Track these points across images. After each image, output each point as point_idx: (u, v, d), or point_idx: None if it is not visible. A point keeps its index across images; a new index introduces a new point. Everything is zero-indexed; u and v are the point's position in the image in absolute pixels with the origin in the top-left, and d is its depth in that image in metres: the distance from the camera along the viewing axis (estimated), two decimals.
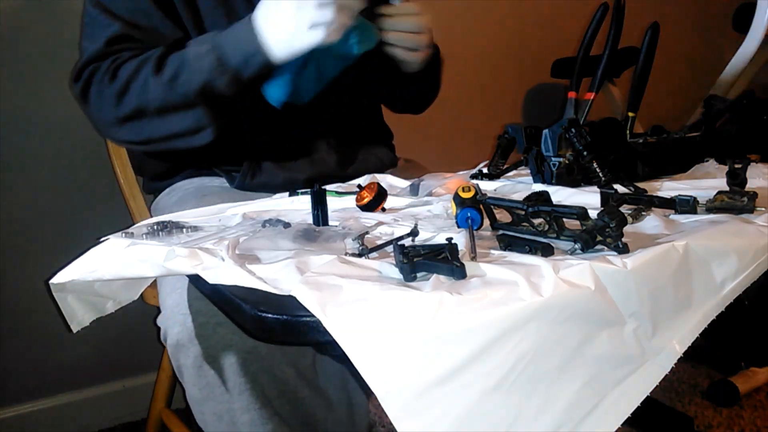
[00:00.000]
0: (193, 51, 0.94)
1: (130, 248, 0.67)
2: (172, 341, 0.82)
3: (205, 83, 0.92)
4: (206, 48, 0.93)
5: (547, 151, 0.90)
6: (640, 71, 0.98)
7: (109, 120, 0.99)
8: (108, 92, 0.96)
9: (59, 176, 1.47)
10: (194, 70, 0.92)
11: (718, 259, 0.58)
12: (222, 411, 0.82)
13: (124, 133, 0.99)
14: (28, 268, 1.45)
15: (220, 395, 0.81)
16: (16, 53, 1.39)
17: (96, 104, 0.99)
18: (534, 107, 2.13)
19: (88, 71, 0.98)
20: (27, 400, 1.52)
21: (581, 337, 0.50)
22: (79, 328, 0.78)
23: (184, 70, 0.93)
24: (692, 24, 2.37)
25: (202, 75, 0.92)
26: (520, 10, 2.03)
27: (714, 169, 0.96)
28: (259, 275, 0.55)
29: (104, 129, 1.03)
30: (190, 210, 0.84)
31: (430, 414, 0.45)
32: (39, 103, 1.43)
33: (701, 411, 1.58)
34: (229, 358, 0.79)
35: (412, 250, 0.55)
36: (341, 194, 0.89)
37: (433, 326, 0.45)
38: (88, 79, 0.98)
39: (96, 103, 0.99)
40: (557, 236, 0.62)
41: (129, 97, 0.95)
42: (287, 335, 0.51)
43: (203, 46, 0.94)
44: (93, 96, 0.98)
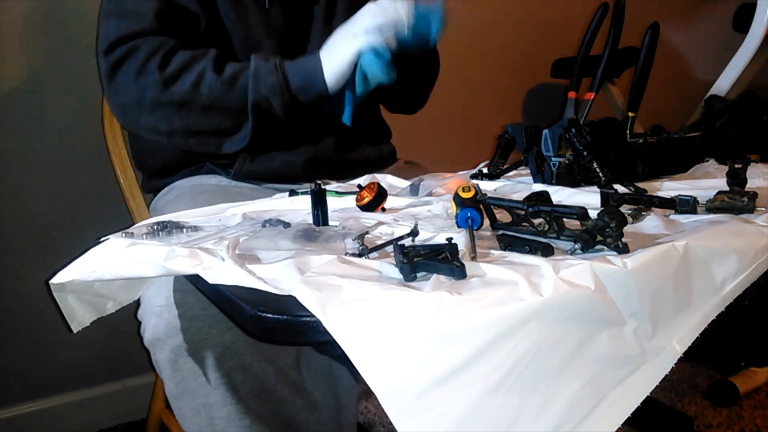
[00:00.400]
0: (258, 63, 0.96)
1: (130, 248, 0.67)
2: (149, 335, 0.82)
3: (263, 97, 0.95)
4: (272, 65, 0.96)
5: (547, 151, 0.90)
6: (640, 71, 0.98)
7: (143, 101, 0.97)
8: (155, 74, 0.95)
9: (59, 176, 1.47)
10: (255, 82, 0.95)
11: (718, 259, 0.58)
12: (199, 405, 0.82)
13: (155, 119, 0.98)
14: (28, 268, 1.45)
15: (196, 389, 0.81)
16: (17, 53, 1.39)
17: (132, 81, 0.96)
18: (534, 107, 2.13)
19: (124, 48, 0.97)
20: (27, 400, 1.52)
21: (581, 337, 0.50)
22: (79, 328, 0.78)
23: (246, 77, 0.95)
24: (692, 24, 2.37)
25: (263, 88, 0.95)
26: (520, 10, 2.03)
27: (714, 169, 0.96)
28: (259, 275, 0.55)
29: (132, 110, 0.99)
30: (190, 210, 0.84)
31: (430, 414, 0.45)
32: (39, 103, 1.43)
33: (701, 411, 1.58)
34: (204, 353, 0.80)
35: (412, 250, 0.55)
36: (341, 194, 0.89)
37: (433, 326, 0.45)
38: (123, 56, 0.97)
39: (132, 81, 0.96)
40: (557, 236, 0.62)
41: (179, 85, 0.95)
42: (287, 335, 0.51)
43: (268, 62, 0.96)
44: (126, 75, 0.97)
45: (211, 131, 0.99)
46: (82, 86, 1.44)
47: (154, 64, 0.95)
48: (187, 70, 0.96)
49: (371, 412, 1.61)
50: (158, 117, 0.97)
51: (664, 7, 2.23)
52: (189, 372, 0.81)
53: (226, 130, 0.99)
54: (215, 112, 0.97)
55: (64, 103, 1.45)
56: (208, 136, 1.00)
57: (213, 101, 0.96)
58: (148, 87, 0.95)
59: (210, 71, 0.95)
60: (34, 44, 1.41)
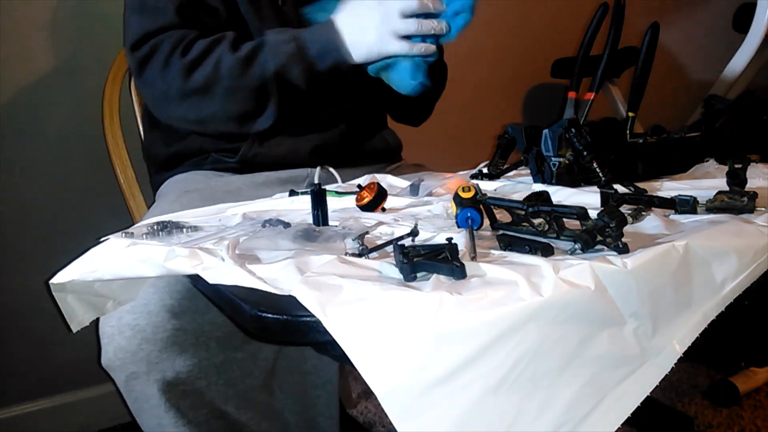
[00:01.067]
0: (273, 37, 0.98)
1: (130, 248, 0.67)
2: (102, 355, 0.83)
3: (281, 67, 0.96)
4: (287, 36, 0.97)
5: (547, 151, 0.90)
6: (640, 71, 0.98)
7: (170, 93, 0.99)
8: (178, 64, 0.97)
9: (59, 176, 1.47)
10: (273, 54, 0.96)
11: (718, 259, 0.58)
12: (155, 425, 0.82)
13: (184, 108, 1.00)
14: (28, 268, 1.45)
15: (149, 410, 0.82)
16: (17, 53, 1.39)
17: (159, 76, 0.99)
18: (534, 107, 2.13)
19: (149, 45, 0.99)
20: (27, 400, 1.52)
21: (581, 337, 0.50)
22: (79, 328, 0.78)
23: (262, 52, 0.96)
24: (692, 24, 2.37)
25: (280, 59, 0.96)
26: (520, 10, 2.03)
27: (714, 169, 0.96)
28: (259, 275, 0.55)
29: (161, 102, 1.02)
30: (190, 210, 0.84)
31: (430, 414, 0.45)
32: (39, 103, 1.43)
33: (701, 411, 1.58)
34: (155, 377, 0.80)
35: (412, 250, 0.55)
36: (341, 194, 0.89)
37: (433, 326, 0.45)
38: (150, 52, 0.98)
39: (158, 75, 0.99)
40: (557, 236, 0.62)
41: (201, 70, 0.97)
42: (287, 335, 0.51)
43: (283, 35, 0.98)
44: (153, 70, 0.99)
45: (238, 115, 1.00)
46: (83, 86, 1.44)
47: (177, 55, 0.97)
48: (207, 55, 0.97)
49: (371, 412, 1.61)
50: (187, 107, 0.99)
51: (664, 7, 2.24)
52: (140, 394, 0.81)
53: (252, 112, 1.00)
54: (239, 94, 0.98)
55: (65, 103, 1.45)
56: (236, 119, 1.01)
57: (235, 82, 0.97)
58: (173, 78, 0.97)
59: (228, 53, 0.97)
60: (34, 44, 1.41)
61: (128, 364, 0.80)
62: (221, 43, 0.98)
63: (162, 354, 0.80)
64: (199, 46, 0.98)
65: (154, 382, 0.80)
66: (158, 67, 0.98)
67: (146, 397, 0.81)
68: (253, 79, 0.97)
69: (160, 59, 0.98)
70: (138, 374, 0.80)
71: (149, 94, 1.03)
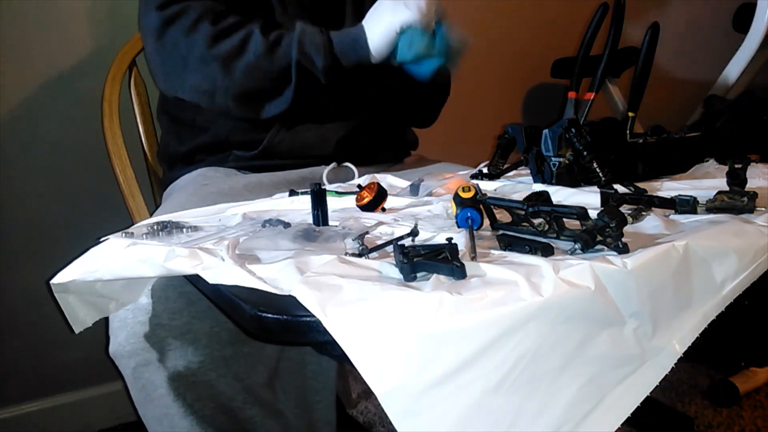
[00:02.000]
0: (302, 28, 0.99)
1: (130, 248, 0.67)
2: (112, 339, 0.82)
3: (306, 56, 0.97)
4: (317, 29, 0.99)
5: (547, 151, 0.90)
6: (640, 71, 0.98)
7: (190, 58, 0.99)
8: (205, 29, 0.97)
9: (59, 176, 1.47)
10: (301, 41, 0.98)
11: (718, 259, 0.58)
12: (161, 415, 0.81)
13: (199, 75, 0.99)
14: (28, 267, 1.45)
15: (156, 399, 0.81)
16: (17, 53, 1.39)
17: (178, 37, 0.99)
18: (534, 107, 2.13)
19: (178, 6, 0.99)
20: (27, 400, 1.52)
21: (581, 337, 0.50)
22: (81, 328, 0.77)
23: (291, 39, 0.98)
24: (692, 24, 2.37)
25: (307, 46, 0.97)
26: (521, 10, 2.03)
27: (714, 169, 0.96)
28: (259, 275, 0.55)
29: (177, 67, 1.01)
30: (190, 210, 0.84)
31: (430, 414, 0.45)
32: (38, 103, 1.43)
33: (701, 411, 1.58)
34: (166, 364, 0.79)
35: (412, 250, 0.55)
36: (341, 194, 0.89)
37: (433, 326, 0.45)
38: (177, 13, 0.99)
39: (179, 37, 0.98)
40: (557, 236, 0.62)
41: (227, 41, 0.97)
42: (287, 335, 0.51)
43: (313, 28, 0.99)
44: (181, 28, 0.98)
45: (253, 93, 1.01)
46: (82, 86, 1.44)
47: (207, 21, 0.98)
48: (237, 29, 0.99)
49: (371, 412, 1.61)
50: (203, 75, 0.99)
51: (665, 7, 2.23)
52: (148, 382, 0.80)
53: (267, 93, 1.01)
54: (259, 73, 0.98)
55: (64, 103, 1.45)
56: (249, 98, 1.01)
57: (258, 60, 0.97)
58: (197, 42, 0.98)
59: (257, 32, 0.98)
60: (34, 44, 1.41)
61: (140, 351, 0.79)
62: (251, 23, 1.00)
63: (176, 341, 0.79)
64: (230, 19, 0.99)
65: (164, 369, 0.79)
66: (184, 29, 0.98)
67: (154, 385, 0.80)
68: (275, 61, 0.98)
69: (188, 21, 0.98)
70: (149, 361, 0.79)
71: (166, 57, 1.01)
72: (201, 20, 0.97)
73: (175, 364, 0.79)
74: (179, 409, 0.80)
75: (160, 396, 0.80)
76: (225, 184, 1.03)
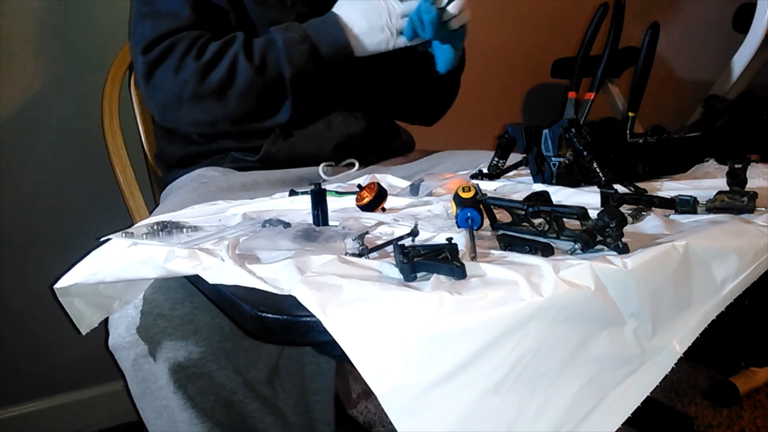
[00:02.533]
0: (282, 38, 0.99)
1: (131, 249, 0.67)
2: (111, 330, 0.82)
3: (299, 68, 0.98)
4: (298, 36, 0.99)
5: (547, 151, 0.90)
6: (640, 71, 0.98)
7: (183, 95, 0.99)
8: (192, 66, 0.97)
9: (59, 176, 1.47)
10: (288, 54, 0.98)
11: (718, 259, 0.58)
12: (161, 408, 0.81)
13: (196, 111, 1.00)
14: (29, 267, 1.45)
15: (156, 391, 0.80)
16: (17, 53, 1.39)
17: (169, 78, 0.99)
18: (534, 107, 2.13)
19: (162, 47, 0.99)
20: (27, 400, 1.52)
21: (581, 337, 0.50)
22: (88, 329, 0.77)
23: (276, 53, 0.98)
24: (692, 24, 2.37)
25: (296, 60, 0.98)
26: (520, 10, 2.03)
27: (714, 169, 0.96)
28: (259, 275, 0.55)
29: (172, 105, 1.02)
30: (191, 210, 0.84)
31: (430, 414, 0.45)
32: (39, 103, 1.43)
33: (701, 411, 1.58)
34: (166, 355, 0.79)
35: (412, 250, 0.55)
36: (341, 194, 0.89)
37: (433, 326, 0.45)
38: (162, 54, 0.99)
39: (169, 77, 0.99)
40: (557, 236, 0.62)
41: (215, 73, 0.97)
42: (287, 335, 0.51)
43: (293, 34, 0.99)
44: (165, 72, 0.99)
45: (251, 115, 1.02)
46: (82, 86, 1.44)
47: (191, 57, 0.98)
48: (221, 57, 0.98)
49: (371, 412, 1.61)
50: (199, 109, 1.00)
51: (665, 7, 2.23)
52: (148, 374, 0.80)
53: (266, 112, 1.02)
54: (254, 96, 0.99)
55: (64, 103, 1.45)
56: (249, 119, 1.02)
57: (249, 84, 0.98)
58: (187, 80, 0.98)
59: (241, 55, 0.98)
60: (34, 44, 1.41)
61: (140, 341, 0.79)
62: (233, 44, 0.99)
63: (177, 332, 0.79)
64: (212, 48, 0.99)
65: (164, 361, 0.79)
66: (172, 69, 0.98)
67: (154, 377, 0.80)
68: (268, 82, 0.98)
69: (174, 61, 0.98)
70: (149, 352, 0.79)
71: (158, 96, 1.02)
72: (185, 57, 0.98)
73: (175, 355, 0.79)
74: (179, 402, 0.80)
75: (160, 387, 0.80)
76: (223, 183, 1.03)
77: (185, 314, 0.79)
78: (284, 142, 1.07)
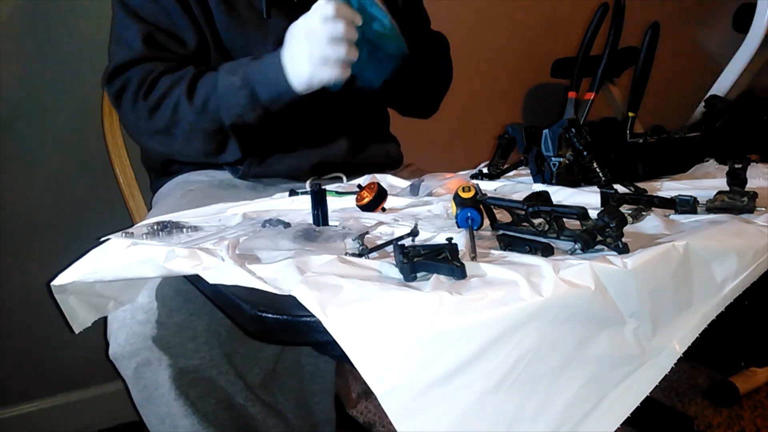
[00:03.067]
0: (225, 81, 0.97)
1: (131, 249, 0.67)
2: (112, 340, 0.82)
3: (236, 117, 0.97)
4: (238, 82, 0.96)
5: (547, 151, 0.90)
6: (640, 71, 0.98)
7: (141, 129, 1.04)
8: (141, 105, 1.00)
9: (59, 176, 1.47)
10: (226, 102, 0.97)
11: (718, 259, 0.58)
12: (163, 414, 0.82)
13: (156, 143, 1.04)
14: (28, 267, 1.45)
15: (158, 398, 0.81)
16: (16, 53, 1.39)
17: (129, 113, 1.03)
18: (534, 107, 2.13)
19: (120, 79, 1.02)
20: (27, 400, 1.52)
21: (581, 337, 0.50)
22: (81, 329, 0.78)
23: (216, 99, 0.97)
24: (692, 24, 2.37)
25: (234, 108, 0.96)
26: (520, 10, 2.03)
27: (714, 169, 0.96)
28: (259, 275, 0.55)
29: (136, 136, 1.08)
30: (190, 210, 0.84)
31: (430, 414, 0.45)
32: (39, 103, 1.43)
33: (701, 411, 1.58)
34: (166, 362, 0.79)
35: (412, 250, 0.55)
36: (341, 194, 0.89)
37: (433, 326, 0.45)
38: (121, 87, 1.02)
39: (129, 113, 1.03)
40: (557, 236, 0.62)
41: (161, 114, 0.99)
42: (287, 335, 0.51)
43: (234, 77, 0.97)
44: (126, 105, 1.02)
45: (201, 153, 1.03)
46: (82, 86, 1.44)
47: (141, 96, 1.00)
48: (165, 99, 0.99)
49: (371, 412, 1.61)
50: (156, 142, 1.03)
51: (664, 7, 2.23)
52: (150, 381, 0.80)
53: (214, 151, 1.02)
54: (198, 138, 1.00)
55: (64, 103, 1.45)
56: (201, 156, 1.04)
57: (192, 127, 0.99)
58: (139, 116, 1.01)
59: (183, 96, 0.98)
60: (34, 44, 1.41)
61: (140, 350, 0.79)
62: (180, 84, 0.99)
63: (175, 338, 0.79)
64: (160, 87, 0.99)
65: (165, 368, 0.79)
66: (129, 102, 1.01)
67: (156, 384, 0.80)
68: (208, 125, 0.98)
69: (129, 97, 1.01)
70: (150, 360, 0.79)
71: (125, 124, 1.08)
72: (137, 95, 1.00)
73: (175, 362, 0.79)
74: (181, 408, 0.80)
75: (162, 395, 0.80)
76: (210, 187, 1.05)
77: (182, 321, 0.80)
78: (259, 167, 1.07)
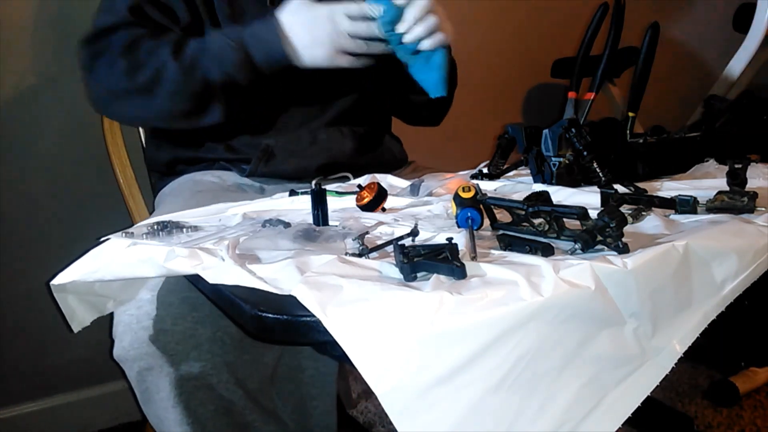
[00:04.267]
0: (218, 41, 0.97)
1: (131, 248, 0.67)
2: (116, 343, 0.82)
3: (226, 75, 0.96)
4: (232, 42, 0.96)
5: (547, 151, 0.90)
6: (640, 71, 0.98)
7: (113, 90, 1.00)
8: (122, 63, 0.97)
9: (59, 176, 1.47)
10: (218, 60, 0.96)
11: (718, 259, 0.58)
12: (161, 417, 0.82)
13: (128, 106, 1.01)
14: (28, 268, 1.45)
15: (158, 402, 0.82)
16: (16, 53, 1.39)
17: (104, 72, 0.99)
18: (534, 107, 2.13)
19: (103, 41, 0.99)
20: (27, 400, 1.52)
21: (581, 337, 0.50)
22: (79, 328, 0.78)
23: (207, 58, 0.96)
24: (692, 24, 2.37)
25: (225, 66, 0.96)
26: (521, 10, 2.03)
27: (714, 169, 0.96)
28: (259, 275, 0.55)
29: (103, 100, 1.04)
30: (190, 210, 0.84)
31: (430, 414, 0.45)
32: (39, 103, 1.43)
33: (701, 411, 1.58)
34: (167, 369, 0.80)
35: (412, 250, 0.55)
36: (341, 194, 0.89)
37: (433, 326, 0.45)
38: (101, 49, 0.99)
39: (104, 72, 0.99)
40: (557, 236, 0.62)
41: (143, 72, 0.97)
42: (287, 335, 0.51)
43: (227, 39, 0.97)
44: (102, 64, 0.99)
45: (183, 114, 1.01)
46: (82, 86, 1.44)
47: (123, 55, 0.98)
48: (152, 56, 0.97)
49: (371, 412, 1.61)
50: (131, 105, 1.01)
51: (664, 7, 2.23)
52: (151, 385, 0.81)
53: (195, 112, 1.00)
54: (182, 96, 0.98)
55: (64, 103, 1.45)
56: (179, 118, 1.02)
57: (176, 86, 0.97)
58: (116, 75, 0.98)
59: (170, 55, 0.97)
60: (33, 44, 1.41)
61: (144, 356, 0.80)
62: (165, 45, 0.98)
63: (178, 346, 0.79)
64: (144, 47, 0.98)
65: (166, 375, 0.80)
66: (106, 64, 0.99)
67: (157, 389, 0.81)
68: (195, 84, 0.97)
69: (108, 57, 0.98)
70: (152, 366, 0.80)
71: (96, 89, 1.03)
72: (118, 54, 0.98)
73: (177, 369, 0.80)
74: (176, 416, 0.81)
75: (161, 399, 0.81)
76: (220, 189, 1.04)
77: (187, 329, 0.80)
78: (265, 167, 1.07)
